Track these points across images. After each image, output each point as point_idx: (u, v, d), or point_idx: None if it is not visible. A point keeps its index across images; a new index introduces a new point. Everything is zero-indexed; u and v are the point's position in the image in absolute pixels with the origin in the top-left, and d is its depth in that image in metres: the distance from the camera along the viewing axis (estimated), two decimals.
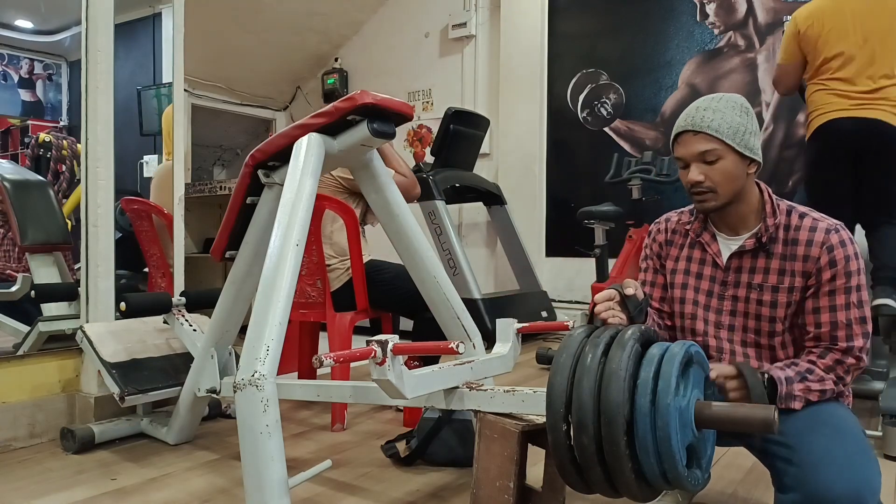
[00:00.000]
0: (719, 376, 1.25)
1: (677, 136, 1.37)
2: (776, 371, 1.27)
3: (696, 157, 1.34)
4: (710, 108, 1.34)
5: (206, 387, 2.02)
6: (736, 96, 1.37)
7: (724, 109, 1.33)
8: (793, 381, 1.26)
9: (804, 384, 1.26)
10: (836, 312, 1.29)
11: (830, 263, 1.29)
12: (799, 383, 1.26)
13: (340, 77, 6.02)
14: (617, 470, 1.07)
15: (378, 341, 1.25)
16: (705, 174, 1.33)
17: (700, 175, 1.34)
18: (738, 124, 1.32)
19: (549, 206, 4.98)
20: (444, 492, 1.79)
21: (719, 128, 1.31)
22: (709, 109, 1.33)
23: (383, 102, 1.61)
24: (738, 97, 1.37)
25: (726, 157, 1.32)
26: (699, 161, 1.34)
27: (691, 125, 1.34)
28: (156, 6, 3.69)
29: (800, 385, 1.26)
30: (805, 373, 1.28)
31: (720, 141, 1.31)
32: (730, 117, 1.32)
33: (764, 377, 1.26)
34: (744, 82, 4.20)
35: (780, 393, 1.24)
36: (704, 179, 1.33)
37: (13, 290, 2.79)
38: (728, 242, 1.42)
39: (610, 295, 1.33)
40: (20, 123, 4.22)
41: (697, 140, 1.33)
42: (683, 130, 1.35)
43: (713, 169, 1.33)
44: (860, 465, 1.17)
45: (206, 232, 4.78)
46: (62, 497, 1.75)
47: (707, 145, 1.32)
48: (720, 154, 1.32)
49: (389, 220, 1.87)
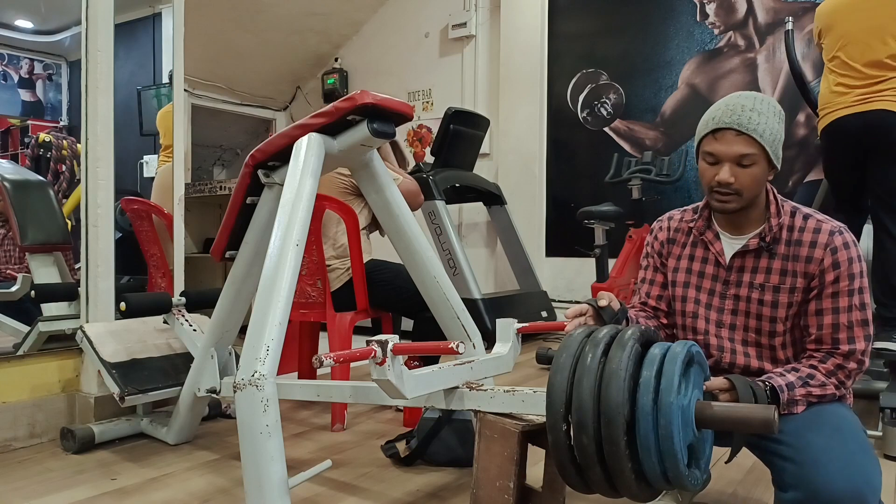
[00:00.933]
0: (712, 389, 1.23)
1: (716, 132, 1.31)
2: (776, 380, 1.26)
3: (734, 158, 1.29)
4: (757, 110, 1.29)
5: (206, 387, 2.02)
6: (774, 100, 1.34)
7: (768, 113, 1.29)
8: (794, 387, 1.26)
9: (806, 389, 1.26)
10: (839, 314, 1.29)
11: (834, 265, 1.29)
12: (800, 388, 1.26)
13: (340, 77, 6.02)
14: (617, 470, 1.07)
15: (378, 341, 1.25)
16: (736, 176, 1.29)
17: (731, 176, 1.29)
18: (776, 131, 1.30)
19: (549, 206, 4.98)
20: (444, 492, 1.79)
21: (763, 133, 1.28)
22: (755, 111, 1.28)
23: (383, 102, 1.61)
24: (776, 102, 1.34)
25: (760, 162, 1.29)
26: (734, 162, 1.29)
27: (737, 124, 1.28)
28: (156, 6, 3.70)
29: (801, 390, 1.26)
30: (807, 378, 1.27)
31: (761, 146, 1.28)
32: (772, 123, 1.29)
33: (766, 387, 1.25)
34: (744, 82, 4.20)
35: (783, 400, 1.25)
36: (734, 181, 1.30)
37: (13, 290, 2.79)
38: (731, 242, 1.41)
39: (581, 310, 1.34)
40: (20, 123, 4.22)
41: (741, 141, 1.28)
42: (727, 127, 1.29)
43: (745, 172, 1.29)
44: (861, 463, 1.17)
45: (206, 232, 4.78)
46: (62, 497, 1.75)
47: (749, 149, 1.28)
48: (756, 159, 1.29)
49: (389, 219, 1.87)
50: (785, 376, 1.27)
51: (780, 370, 1.31)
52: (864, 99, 2.47)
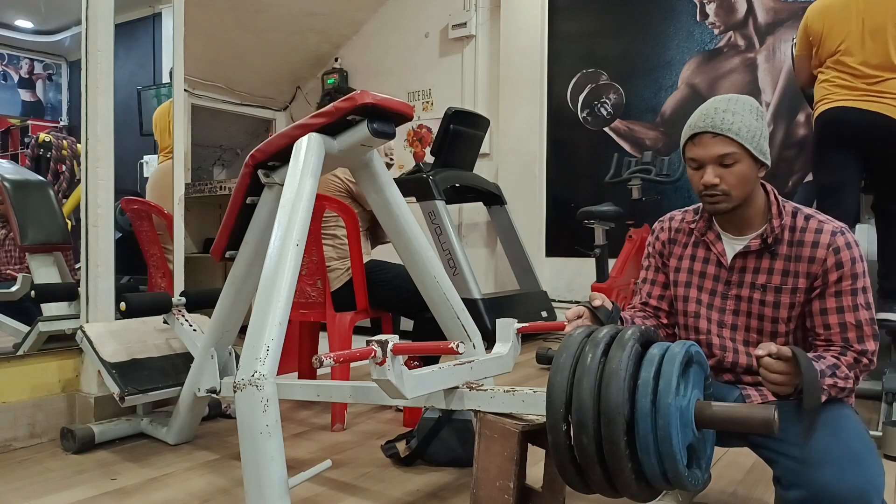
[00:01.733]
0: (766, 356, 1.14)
1: (694, 137, 1.34)
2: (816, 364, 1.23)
3: (714, 160, 1.31)
4: (730, 109, 1.31)
5: (206, 387, 2.02)
6: (750, 98, 1.35)
7: (743, 112, 1.31)
8: (824, 375, 1.23)
9: (833, 380, 1.24)
10: (845, 314, 1.29)
11: (837, 265, 1.29)
12: (829, 378, 1.24)
13: (340, 77, 6.02)
14: (617, 470, 1.07)
15: (378, 341, 1.25)
16: (721, 177, 1.31)
17: (715, 178, 1.31)
18: (755, 128, 1.31)
19: (549, 206, 4.98)
20: (443, 492, 1.79)
21: (739, 131, 1.29)
22: (728, 111, 1.31)
23: (383, 102, 1.61)
24: (752, 100, 1.35)
25: (743, 160, 1.30)
26: (716, 163, 1.31)
27: (711, 126, 1.31)
28: (156, 6, 3.70)
29: (829, 380, 1.24)
30: (833, 368, 1.25)
31: (739, 144, 1.29)
32: (748, 120, 1.30)
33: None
34: (744, 82, 4.21)
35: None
36: (720, 182, 1.31)
37: (13, 290, 2.79)
38: (733, 242, 1.41)
39: (578, 313, 1.35)
40: (20, 123, 4.22)
41: (717, 142, 1.30)
42: (703, 131, 1.32)
43: (729, 172, 1.31)
44: (864, 461, 1.17)
45: (206, 232, 4.78)
46: (62, 497, 1.75)
47: (727, 148, 1.30)
48: (738, 158, 1.30)
49: (389, 219, 1.87)
50: (817, 362, 1.24)
51: (811, 355, 1.27)
52: (865, 97, 2.47)
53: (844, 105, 2.51)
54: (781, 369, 1.15)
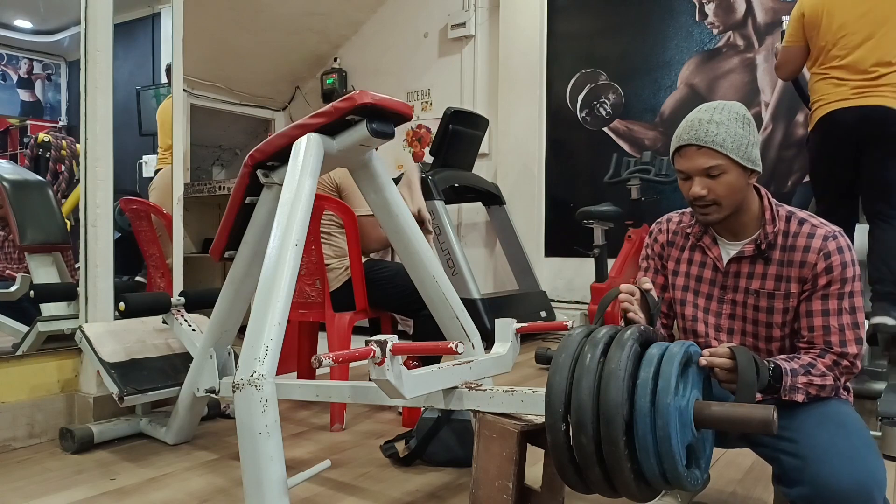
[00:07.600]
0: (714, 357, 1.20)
1: (679, 149, 1.35)
2: (782, 362, 1.27)
3: (700, 172, 1.32)
4: (714, 120, 1.30)
5: (205, 387, 2.02)
6: (736, 105, 1.35)
7: (728, 122, 1.30)
8: (797, 374, 1.26)
9: (807, 377, 1.26)
10: (829, 317, 1.30)
11: (827, 270, 1.29)
12: (802, 376, 1.26)
13: (339, 77, 6.02)
14: (616, 470, 1.07)
15: (377, 341, 1.25)
16: (709, 188, 1.32)
17: (703, 189, 1.32)
18: (741, 137, 1.30)
19: (549, 206, 4.98)
20: (443, 492, 1.79)
21: (724, 142, 1.29)
22: (712, 122, 1.30)
23: (382, 102, 1.60)
24: (739, 106, 1.35)
25: (730, 171, 1.30)
26: (703, 175, 1.32)
27: (695, 139, 1.31)
28: (155, 6, 3.70)
29: (803, 378, 1.26)
30: (808, 366, 1.27)
31: (724, 156, 1.29)
32: (733, 130, 1.30)
33: (769, 366, 1.24)
34: (743, 82, 4.21)
35: (785, 384, 1.24)
36: (708, 193, 1.32)
37: (12, 290, 2.78)
38: (728, 247, 1.42)
39: (633, 290, 1.34)
40: (19, 123, 4.22)
41: (701, 155, 1.31)
42: (687, 144, 1.32)
43: (717, 183, 1.31)
44: (866, 458, 1.18)
45: (206, 232, 4.78)
46: (61, 497, 1.75)
47: (712, 161, 1.30)
48: (724, 168, 1.30)
49: (388, 219, 1.87)
50: (789, 362, 1.27)
51: (783, 357, 1.31)
52: (861, 93, 2.45)
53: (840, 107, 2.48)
54: (725, 366, 1.20)
